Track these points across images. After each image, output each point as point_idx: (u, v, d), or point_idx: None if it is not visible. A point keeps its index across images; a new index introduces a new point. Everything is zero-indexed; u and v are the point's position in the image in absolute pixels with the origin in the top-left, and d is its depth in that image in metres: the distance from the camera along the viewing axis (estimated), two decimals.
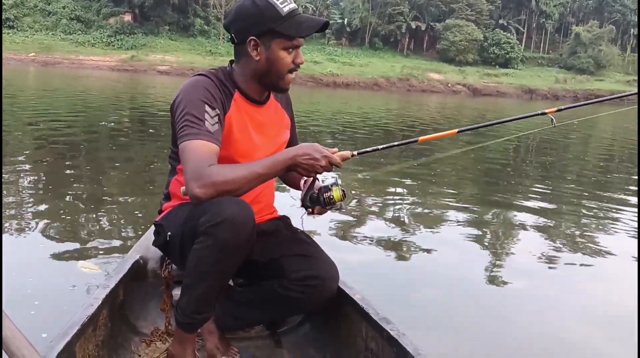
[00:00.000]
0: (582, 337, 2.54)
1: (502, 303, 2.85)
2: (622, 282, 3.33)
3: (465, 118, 18.30)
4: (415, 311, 2.63)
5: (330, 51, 52.18)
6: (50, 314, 2.23)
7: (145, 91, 20.28)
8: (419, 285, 3.01)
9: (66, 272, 2.78)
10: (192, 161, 1.46)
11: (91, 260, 2.91)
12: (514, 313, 2.73)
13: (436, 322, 2.54)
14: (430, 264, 3.38)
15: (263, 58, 1.60)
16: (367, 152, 1.70)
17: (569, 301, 2.95)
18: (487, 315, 2.68)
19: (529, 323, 2.63)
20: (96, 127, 9.12)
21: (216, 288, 1.57)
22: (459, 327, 2.54)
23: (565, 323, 2.67)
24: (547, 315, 2.73)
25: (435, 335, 2.39)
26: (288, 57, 1.60)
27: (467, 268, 3.32)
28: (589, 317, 2.78)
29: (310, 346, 1.88)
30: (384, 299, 2.35)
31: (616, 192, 6.37)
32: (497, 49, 55.69)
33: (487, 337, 2.45)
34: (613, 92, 48.15)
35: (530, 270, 3.43)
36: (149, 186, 4.93)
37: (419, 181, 5.83)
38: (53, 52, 41.93)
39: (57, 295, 2.47)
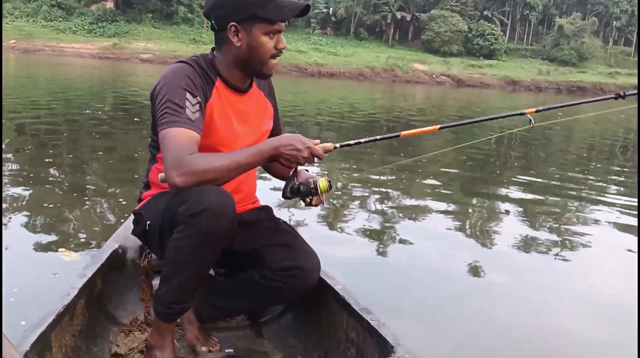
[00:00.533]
0: (566, 325, 2.57)
1: (484, 293, 2.87)
2: (607, 269, 3.39)
3: (449, 110, 18.38)
4: (396, 301, 2.63)
5: (315, 40, 51.89)
6: (29, 302, 2.19)
7: (127, 79, 19.99)
8: (401, 275, 3.02)
9: (47, 260, 2.75)
10: (172, 149, 1.44)
11: (72, 248, 2.88)
12: (496, 303, 2.75)
13: (417, 312, 2.55)
14: (413, 254, 3.39)
15: (244, 44, 1.58)
16: (350, 145, 1.69)
17: (553, 290, 2.98)
18: (468, 305, 2.69)
19: (511, 312, 2.65)
20: (78, 116, 8.98)
21: (195, 278, 1.55)
22: (440, 316, 2.55)
23: (549, 311, 2.69)
24: (530, 305, 2.76)
25: (416, 325, 2.40)
26: (270, 43, 1.58)
27: (449, 259, 3.34)
28: (574, 305, 2.81)
29: (291, 336, 1.88)
30: (365, 289, 2.35)
31: (597, 182, 6.45)
32: (482, 40, 55.89)
33: (468, 326, 2.47)
34: (595, 84, 48.92)
35: (513, 260, 3.46)
36: (131, 174, 4.87)
37: (402, 173, 5.84)
38: (34, 39, 41.11)
39: (37, 283, 2.45)
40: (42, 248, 2.90)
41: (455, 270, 3.15)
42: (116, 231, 2.06)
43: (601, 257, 3.66)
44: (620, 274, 3.34)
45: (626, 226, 4.40)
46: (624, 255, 3.69)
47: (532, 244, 3.75)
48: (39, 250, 2.88)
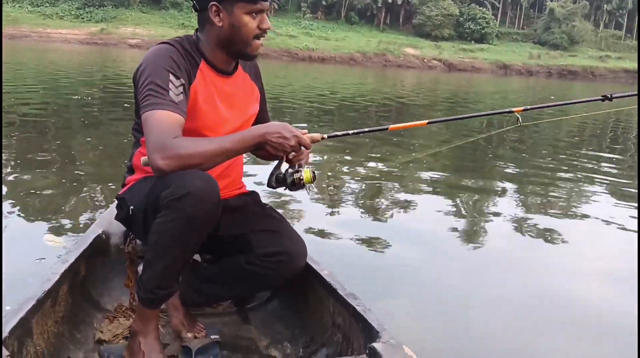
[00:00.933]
0: (557, 303, 2.58)
1: (472, 280, 2.87)
2: (601, 246, 3.43)
3: (439, 95, 18.37)
4: (383, 287, 2.63)
5: (305, 24, 51.50)
6: (14, 287, 2.15)
7: (116, 65, 19.79)
8: (389, 262, 3.02)
9: (33, 245, 2.73)
10: (155, 132, 1.41)
11: (58, 234, 2.86)
12: (483, 290, 2.75)
13: (404, 298, 2.55)
14: (401, 240, 3.38)
15: (226, 24, 1.54)
16: (337, 136, 1.69)
17: (543, 273, 2.99)
18: (454, 292, 2.69)
19: (498, 298, 2.66)
20: (66, 102, 8.87)
21: (179, 263, 1.53)
22: (428, 301, 2.56)
23: (538, 293, 2.71)
24: (520, 286, 2.77)
25: (403, 310, 2.40)
26: (252, 22, 1.55)
27: (438, 244, 3.35)
28: (565, 283, 2.82)
29: (278, 322, 1.87)
30: (352, 275, 2.34)
31: (589, 165, 6.48)
32: (473, 24, 55.72)
33: (455, 310, 2.47)
34: (586, 68, 49.03)
35: (503, 243, 3.48)
36: (120, 160, 4.83)
37: (390, 162, 5.83)
38: (19, 25, 40.50)
39: (22, 268, 2.43)
40: (27, 234, 2.88)
41: (446, 256, 3.16)
42: (100, 216, 2.03)
43: (595, 235, 3.70)
44: (615, 251, 3.37)
45: (619, 207, 4.43)
46: (619, 234, 3.73)
47: (523, 228, 3.77)
48: (24, 236, 2.86)
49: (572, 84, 36.68)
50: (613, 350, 2.23)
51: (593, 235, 3.79)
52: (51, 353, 1.50)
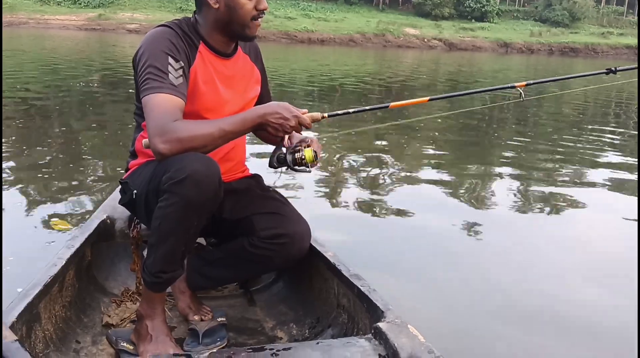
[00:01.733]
0: (559, 285, 2.59)
1: (476, 259, 2.87)
2: (601, 228, 3.42)
3: (443, 74, 18.25)
4: (388, 266, 2.64)
5: (304, 6, 50.91)
6: (25, 270, 2.19)
7: (114, 51, 19.67)
8: (393, 241, 3.03)
9: (41, 229, 2.78)
10: (155, 116, 1.41)
11: (64, 218, 2.90)
12: (488, 269, 2.76)
13: (408, 278, 2.56)
14: (405, 220, 3.40)
15: (222, 5, 1.53)
16: (338, 115, 1.68)
17: (545, 251, 3.00)
18: (459, 271, 2.70)
19: (502, 274, 2.67)
20: (67, 88, 8.83)
21: (182, 246, 1.54)
22: (432, 280, 2.56)
23: (541, 272, 2.71)
24: (525, 271, 2.76)
25: (406, 291, 2.41)
26: (249, 4, 1.54)
27: (442, 225, 3.34)
28: (567, 265, 2.83)
29: (283, 303, 1.89)
30: (356, 256, 2.36)
31: (591, 144, 6.46)
32: (473, 2, 54.98)
33: (460, 290, 2.49)
34: (587, 45, 48.58)
35: (506, 222, 3.48)
36: (121, 145, 4.83)
37: (394, 139, 5.81)
38: (17, 11, 40.13)
39: (32, 251, 2.48)
40: (36, 218, 2.92)
41: (449, 236, 3.16)
42: (104, 201, 2.04)
43: (596, 216, 3.69)
44: (615, 233, 3.37)
45: (621, 185, 4.42)
46: (619, 216, 3.71)
47: (525, 206, 3.78)
48: (33, 220, 2.90)
49: (574, 61, 36.39)
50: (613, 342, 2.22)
51: (597, 217, 3.78)
52: (59, 338, 1.52)
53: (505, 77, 17.66)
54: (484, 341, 2.07)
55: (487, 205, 3.82)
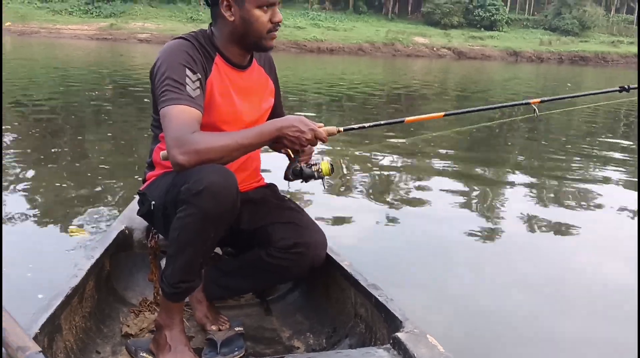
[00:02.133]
0: (575, 301, 2.58)
1: (491, 267, 2.87)
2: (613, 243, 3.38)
3: (452, 84, 18.23)
4: (404, 277, 2.64)
5: (313, 15, 51.19)
6: (45, 277, 2.28)
7: (126, 61, 19.85)
8: (408, 251, 3.02)
9: (59, 237, 2.84)
10: (174, 127, 1.42)
11: (81, 226, 2.95)
12: (504, 277, 2.75)
13: (424, 289, 2.56)
14: (418, 230, 3.39)
15: (238, 18, 1.55)
16: (353, 129, 1.70)
17: (560, 261, 2.98)
18: (476, 279, 2.70)
19: (518, 285, 2.65)
20: (79, 98, 8.93)
21: (200, 256, 1.55)
22: (448, 291, 2.56)
23: (555, 283, 2.69)
24: (539, 277, 2.75)
25: (423, 301, 2.40)
26: (264, 16, 1.55)
27: (456, 232, 3.34)
28: (582, 281, 2.81)
29: (300, 313, 1.89)
30: (372, 265, 2.36)
31: (604, 153, 6.42)
32: (482, 11, 55.06)
33: (476, 301, 2.47)
34: (597, 53, 48.36)
35: (521, 234, 3.45)
36: (132, 155, 4.88)
37: (406, 151, 5.81)
38: (29, 21, 40.70)
39: (52, 259, 2.53)
40: (54, 225, 2.99)
41: (465, 247, 3.15)
42: (122, 212, 2.06)
43: (610, 222, 3.66)
44: (625, 249, 3.34)
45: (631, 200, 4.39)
46: (630, 231, 3.68)
47: (539, 216, 3.75)
48: (50, 227, 2.98)
49: (584, 70, 36.22)
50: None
51: (609, 222, 3.76)
52: (80, 348, 1.53)
53: (516, 87, 17.63)
54: (502, 352, 2.06)
55: (499, 215, 3.81)
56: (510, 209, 3.91)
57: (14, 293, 2.00)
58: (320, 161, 1.59)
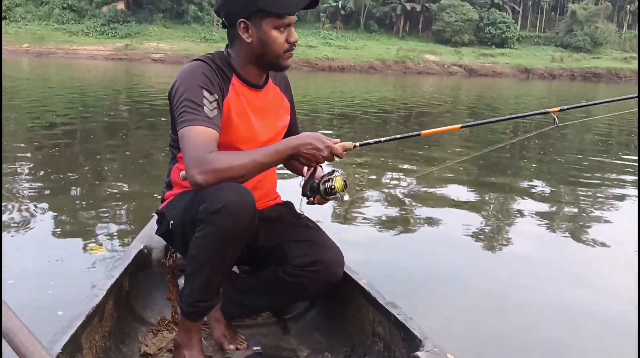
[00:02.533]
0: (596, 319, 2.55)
1: (509, 285, 2.84)
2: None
3: (463, 101, 18.24)
4: (422, 295, 2.63)
5: (324, 34, 51.75)
6: (66, 293, 2.33)
7: (140, 80, 20.14)
8: (426, 269, 3.01)
9: (80, 255, 2.88)
10: (192, 148, 1.45)
11: (100, 244, 3.01)
12: (522, 295, 2.72)
13: (443, 307, 2.54)
14: (437, 248, 3.38)
15: (255, 39, 1.58)
16: (369, 144, 1.70)
17: (581, 284, 2.94)
18: (494, 297, 2.68)
19: (537, 303, 2.63)
20: (94, 117, 9.06)
21: (218, 275, 1.56)
22: (467, 309, 2.54)
23: (577, 306, 2.66)
24: (557, 298, 2.72)
25: (441, 320, 2.38)
26: (281, 37, 1.58)
27: (473, 250, 3.32)
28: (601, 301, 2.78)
29: (318, 332, 1.88)
30: (390, 284, 2.35)
31: (614, 175, 6.36)
32: (493, 28, 55.26)
33: (496, 319, 2.46)
34: (610, 69, 48.18)
35: (536, 250, 3.43)
36: (149, 174, 4.92)
37: (420, 164, 5.81)
38: (46, 42, 41.53)
39: (72, 276, 2.58)
40: (74, 244, 3.04)
41: (480, 259, 3.15)
42: (141, 231, 2.08)
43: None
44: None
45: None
46: None
47: (557, 232, 3.71)
48: (71, 246, 3.01)
49: (597, 86, 36.09)
50: None
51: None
52: None
53: (528, 103, 17.58)
54: None
55: (516, 233, 3.77)
56: (527, 226, 3.88)
57: (35, 310, 2.10)
58: (334, 177, 1.60)
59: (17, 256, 2.78)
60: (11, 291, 2.28)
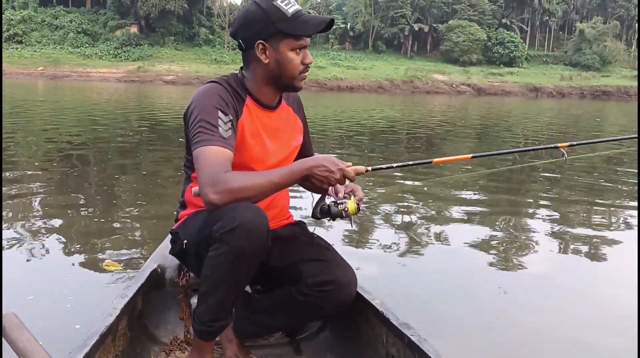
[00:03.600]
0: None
1: (524, 305, 2.81)
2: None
3: (473, 120, 18.25)
4: (436, 316, 2.61)
5: (333, 55, 52.28)
6: (84, 308, 2.42)
7: (152, 102, 20.39)
8: (439, 289, 2.98)
9: (96, 272, 2.95)
10: (207, 167, 1.46)
11: (116, 261, 3.07)
12: (538, 315, 2.69)
13: (456, 328, 2.51)
14: (449, 268, 3.36)
15: (272, 60, 1.61)
16: (382, 169, 1.73)
17: (593, 307, 2.91)
18: (508, 317, 2.66)
19: (554, 323, 2.59)
20: (107, 139, 9.16)
21: (232, 294, 1.56)
22: (479, 332, 2.51)
23: (591, 327, 2.63)
24: (570, 320, 2.69)
25: (455, 341, 2.36)
26: (297, 59, 1.61)
27: (484, 272, 3.28)
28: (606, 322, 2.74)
29: (330, 352, 1.87)
30: (403, 304, 2.33)
31: (620, 198, 6.32)
32: (501, 48, 55.52)
33: (509, 341, 2.43)
34: (620, 87, 48.08)
35: (550, 276, 3.37)
36: (160, 194, 4.96)
37: (428, 190, 5.79)
38: (61, 65, 42.33)
39: (89, 291, 2.66)
40: (91, 261, 3.12)
41: (491, 282, 3.11)
42: (155, 251, 2.09)
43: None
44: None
45: None
46: None
47: (569, 261, 3.67)
48: (86, 262, 3.10)
49: (607, 104, 35.97)
50: None
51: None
52: None
53: (540, 125, 17.54)
54: None
55: (527, 250, 3.74)
56: (540, 245, 3.84)
57: (55, 324, 2.25)
58: (347, 201, 1.61)
59: (34, 271, 2.94)
60: (31, 306, 2.43)
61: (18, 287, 2.59)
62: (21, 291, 2.56)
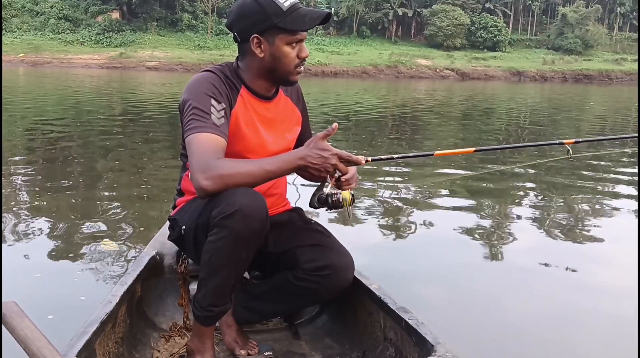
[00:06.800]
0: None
1: (522, 292, 2.86)
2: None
3: (456, 104, 18.32)
4: (432, 299, 2.64)
5: (318, 41, 51.87)
6: (87, 284, 2.62)
7: (135, 88, 20.14)
8: (438, 274, 3.02)
9: (95, 254, 3.03)
10: (198, 153, 1.47)
11: (112, 241, 3.19)
12: (535, 302, 2.73)
13: (455, 310, 2.55)
14: (447, 253, 3.40)
15: (267, 55, 1.60)
16: (382, 160, 1.73)
17: (591, 287, 2.95)
18: (507, 302, 2.70)
19: (549, 309, 2.63)
20: (90, 126, 9.05)
21: (231, 279, 1.58)
22: (479, 314, 2.55)
23: (589, 313, 2.66)
24: (572, 305, 2.72)
25: (455, 323, 2.39)
26: (292, 52, 1.60)
27: (478, 258, 3.32)
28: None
29: (328, 337, 1.89)
30: (401, 289, 2.36)
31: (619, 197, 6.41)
32: (485, 32, 55.58)
33: (505, 324, 2.47)
34: (601, 71, 48.48)
35: (551, 256, 3.41)
36: (146, 182, 4.93)
37: (422, 175, 5.82)
38: (42, 52, 41.53)
39: (93, 271, 2.79)
40: (92, 244, 3.20)
41: (493, 265, 3.18)
42: (153, 238, 2.09)
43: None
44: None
45: None
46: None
47: (564, 245, 3.73)
48: (88, 246, 3.17)
49: (589, 88, 36.27)
50: None
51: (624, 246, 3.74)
52: None
53: (522, 106, 17.65)
54: None
55: (519, 238, 3.80)
56: (534, 233, 3.89)
57: (65, 297, 2.47)
58: (342, 191, 1.61)
59: (38, 252, 3.06)
60: (38, 283, 2.64)
61: (17, 274, 2.65)
62: (21, 276, 2.65)
